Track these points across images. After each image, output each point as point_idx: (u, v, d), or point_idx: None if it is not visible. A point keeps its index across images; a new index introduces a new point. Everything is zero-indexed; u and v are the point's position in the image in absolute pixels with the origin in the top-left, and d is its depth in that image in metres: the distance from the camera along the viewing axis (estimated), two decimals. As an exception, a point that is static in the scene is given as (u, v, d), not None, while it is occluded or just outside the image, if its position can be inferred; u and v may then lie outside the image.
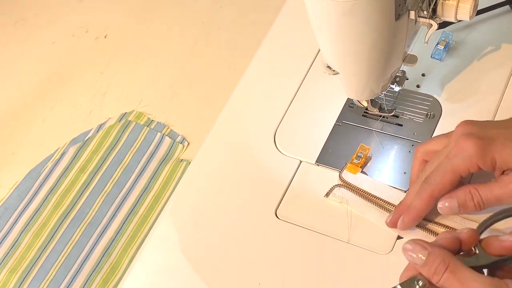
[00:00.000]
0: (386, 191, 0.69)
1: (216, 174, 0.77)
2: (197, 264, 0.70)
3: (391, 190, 0.69)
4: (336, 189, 0.70)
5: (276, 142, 0.77)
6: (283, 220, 0.71)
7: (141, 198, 1.14)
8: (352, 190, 0.70)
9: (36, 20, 1.52)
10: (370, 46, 0.61)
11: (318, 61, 0.82)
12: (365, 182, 0.70)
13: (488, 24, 0.80)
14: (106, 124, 1.26)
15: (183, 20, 1.41)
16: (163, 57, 1.35)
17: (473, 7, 0.61)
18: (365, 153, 0.72)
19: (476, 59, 0.77)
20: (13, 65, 1.45)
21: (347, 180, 0.71)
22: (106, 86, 1.34)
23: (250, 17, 1.36)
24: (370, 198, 0.69)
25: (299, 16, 0.87)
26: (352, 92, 0.69)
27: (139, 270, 0.72)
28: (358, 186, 0.70)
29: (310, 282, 0.66)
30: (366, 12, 0.56)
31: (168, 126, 1.23)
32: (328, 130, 0.76)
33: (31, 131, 1.31)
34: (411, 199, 0.63)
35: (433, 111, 0.75)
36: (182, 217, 0.75)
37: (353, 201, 0.69)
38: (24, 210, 1.18)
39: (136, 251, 1.09)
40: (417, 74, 0.78)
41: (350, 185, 0.70)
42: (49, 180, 1.20)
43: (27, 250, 1.13)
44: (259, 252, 0.70)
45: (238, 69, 1.25)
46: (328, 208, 0.71)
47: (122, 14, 1.47)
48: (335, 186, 0.71)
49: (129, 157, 1.20)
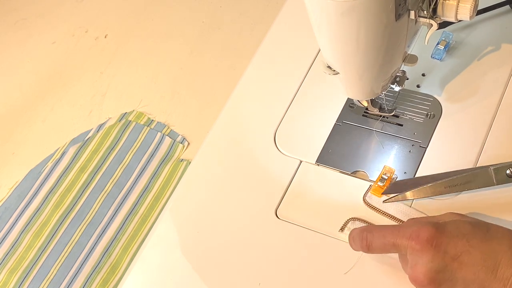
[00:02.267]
0: (413, 214, 0.67)
1: (216, 174, 0.77)
2: (197, 264, 0.70)
3: (418, 214, 0.67)
4: (351, 222, 0.68)
5: (276, 142, 0.77)
6: (283, 220, 0.71)
7: (141, 198, 1.14)
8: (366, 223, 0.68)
9: (36, 20, 1.52)
10: (370, 46, 0.61)
11: (318, 61, 0.82)
12: (391, 206, 0.68)
13: (488, 24, 0.80)
14: (106, 124, 1.26)
15: (183, 20, 1.41)
16: (163, 57, 1.35)
17: (473, 7, 0.61)
18: (390, 175, 0.70)
19: (476, 59, 0.77)
20: (13, 65, 1.44)
21: (372, 204, 0.69)
22: (106, 86, 1.34)
23: (250, 17, 1.36)
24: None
25: (299, 16, 0.87)
26: (352, 92, 0.69)
27: (139, 270, 0.72)
28: (384, 210, 0.68)
29: (310, 282, 0.66)
30: (366, 12, 0.56)
31: (168, 126, 1.23)
32: (328, 130, 0.76)
33: (31, 131, 1.31)
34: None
35: (433, 111, 0.75)
36: (182, 217, 0.75)
37: None
38: (24, 210, 1.18)
39: (136, 251, 1.08)
40: (417, 74, 0.78)
41: (375, 209, 0.68)
42: (49, 180, 1.20)
43: (27, 250, 1.13)
44: (259, 252, 0.70)
45: (238, 69, 1.25)
46: (328, 208, 0.71)
47: (122, 14, 1.47)
48: (349, 220, 0.68)
49: (129, 157, 1.20)
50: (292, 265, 0.68)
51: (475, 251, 0.54)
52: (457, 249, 0.55)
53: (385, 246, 0.59)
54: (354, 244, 0.62)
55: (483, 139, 0.71)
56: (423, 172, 0.71)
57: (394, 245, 0.58)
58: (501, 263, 0.53)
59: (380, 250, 0.60)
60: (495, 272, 0.53)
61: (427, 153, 0.72)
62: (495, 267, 0.53)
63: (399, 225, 0.60)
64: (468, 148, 0.71)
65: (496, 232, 0.56)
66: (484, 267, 0.53)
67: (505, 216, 0.65)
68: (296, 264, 0.68)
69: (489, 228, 0.56)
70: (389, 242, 0.58)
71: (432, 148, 0.72)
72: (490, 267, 0.53)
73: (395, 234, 0.58)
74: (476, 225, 0.57)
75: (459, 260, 0.54)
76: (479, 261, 0.54)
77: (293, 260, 0.68)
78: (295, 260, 0.68)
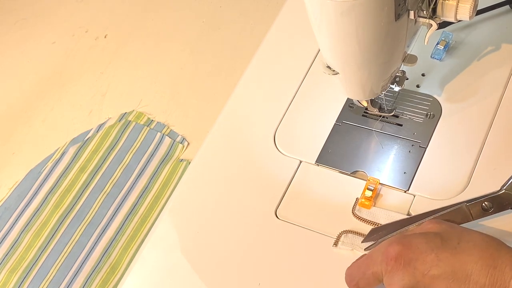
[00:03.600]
0: (404, 221, 0.66)
1: (216, 174, 0.77)
2: (197, 264, 0.70)
3: (409, 220, 0.66)
4: (343, 236, 0.68)
5: (276, 142, 0.77)
6: (283, 220, 0.71)
7: (141, 198, 1.14)
8: (359, 234, 0.67)
9: (36, 20, 1.52)
10: (370, 46, 0.61)
11: (318, 61, 0.82)
12: (381, 216, 0.68)
13: (488, 24, 0.80)
14: (106, 124, 1.26)
15: (183, 20, 1.41)
16: (163, 57, 1.35)
17: (473, 7, 0.61)
18: (375, 186, 0.70)
19: (476, 59, 0.77)
20: (13, 65, 1.44)
21: (361, 216, 0.69)
22: (106, 86, 1.34)
23: (250, 17, 1.36)
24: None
25: (299, 16, 0.87)
26: (352, 92, 0.69)
27: (139, 270, 0.72)
28: (374, 221, 0.68)
29: (310, 282, 0.66)
30: (365, 12, 0.56)
31: (168, 126, 1.23)
32: (328, 130, 0.76)
33: (31, 131, 1.31)
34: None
35: (433, 111, 0.75)
36: (182, 217, 0.75)
37: (364, 244, 0.67)
38: (24, 210, 1.18)
39: (136, 251, 1.08)
40: (417, 74, 0.78)
41: (365, 221, 0.68)
42: (49, 180, 1.20)
43: (27, 250, 1.13)
44: (259, 252, 0.70)
45: (238, 69, 1.25)
46: (328, 208, 0.71)
47: (122, 14, 1.46)
48: (342, 233, 0.68)
49: (129, 157, 1.20)
50: (292, 265, 0.68)
51: (444, 265, 0.54)
52: (426, 264, 0.54)
53: (369, 281, 0.58)
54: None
55: (483, 139, 0.71)
56: (423, 172, 0.71)
57: (373, 275, 0.57)
58: (472, 274, 0.53)
59: (369, 285, 0.59)
60: (468, 283, 0.53)
61: (427, 153, 0.72)
62: (467, 278, 0.53)
63: (371, 252, 0.59)
64: (468, 148, 0.71)
65: (468, 242, 0.55)
66: (456, 280, 0.53)
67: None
68: (296, 264, 0.68)
69: (460, 239, 0.56)
70: (369, 275, 0.58)
71: (432, 148, 0.72)
72: (461, 279, 0.53)
73: (369, 264, 0.58)
74: (447, 237, 0.56)
75: (430, 275, 0.54)
76: (449, 274, 0.54)
77: (293, 260, 0.68)
78: (295, 260, 0.68)
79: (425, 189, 0.69)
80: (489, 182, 0.68)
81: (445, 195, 0.68)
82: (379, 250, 0.57)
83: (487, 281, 0.53)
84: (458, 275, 0.53)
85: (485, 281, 0.53)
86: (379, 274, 0.57)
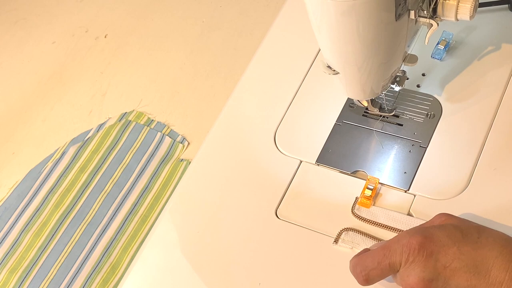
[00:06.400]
0: (403, 220, 0.67)
1: (216, 174, 0.77)
2: (197, 264, 0.70)
3: (408, 219, 0.67)
4: (344, 233, 0.68)
5: (276, 142, 0.77)
6: (283, 220, 0.71)
7: (141, 198, 1.14)
8: (360, 232, 0.67)
9: (36, 20, 1.52)
10: (370, 46, 0.61)
11: (318, 61, 0.82)
12: (381, 215, 0.68)
13: (488, 24, 0.80)
14: (106, 124, 1.26)
15: (183, 20, 1.41)
16: (163, 57, 1.35)
17: (473, 7, 0.61)
18: (375, 185, 0.70)
19: (477, 59, 0.77)
20: (13, 65, 1.44)
21: (361, 215, 0.69)
22: (106, 86, 1.34)
23: (250, 17, 1.36)
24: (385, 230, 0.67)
25: (299, 16, 0.87)
26: (352, 92, 0.69)
27: (139, 270, 0.72)
28: (374, 220, 0.68)
29: (310, 282, 0.66)
30: (366, 12, 0.56)
31: (168, 126, 1.23)
32: (328, 130, 0.76)
33: (31, 131, 1.31)
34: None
35: (433, 111, 0.75)
36: (182, 217, 0.75)
37: (364, 242, 0.67)
38: (24, 210, 1.18)
39: (136, 251, 1.08)
40: (417, 74, 0.78)
41: (365, 220, 0.68)
42: (49, 180, 1.20)
43: (27, 250, 1.13)
44: (259, 252, 0.70)
45: (238, 69, 1.25)
46: (328, 208, 0.71)
47: (122, 14, 1.47)
48: (342, 230, 0.68)
49: (129, 156, 1.20)
50: (292, 265, 0.68)
51: (466, 258, 0.54)
52: (448, 257, 0.55)
53: (383, 272, 0.58)
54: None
55: (483, 139, 0.71)
56: (423, 171, 0.71)
57: (390, 266, 0.57)
58: (493, 268, 0.54)
59: (379, 277, 0.59)
60: (488, 277, 0.54)
61: (427, 153, 0.72)
62: (487, 273, 0.54)
63: (388, 243, 0.59)
64: (468, 148, 0.71)
65: (487, 238, 0.56)
66: (477, 273, 0.54)
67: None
68: (296, 264, 0.68)
69: (480, 234, 0.56)
70: (385, 265, 0.58)
71: (432, 148, 0.72)
72: (482, 273, 0.54)
73: (386, 255, 0.57)
74: (466, 231, 0.57)
75: (451, 268, 0.55)
76: (471, 268, 0.54)
77: (293, 260, 0.68)
78: (295, 260, 0.68)
79: (426, 189, 0.69)
80: (489, 182, 0.68)
81: (445, 195, 0.68)
82: (399, 242, 0.57)
83: (507, 276, 0.53)
84: (479, 269, 0.54)
85: (505, 276, 0.53)
86: (397, 265, 0.57)
